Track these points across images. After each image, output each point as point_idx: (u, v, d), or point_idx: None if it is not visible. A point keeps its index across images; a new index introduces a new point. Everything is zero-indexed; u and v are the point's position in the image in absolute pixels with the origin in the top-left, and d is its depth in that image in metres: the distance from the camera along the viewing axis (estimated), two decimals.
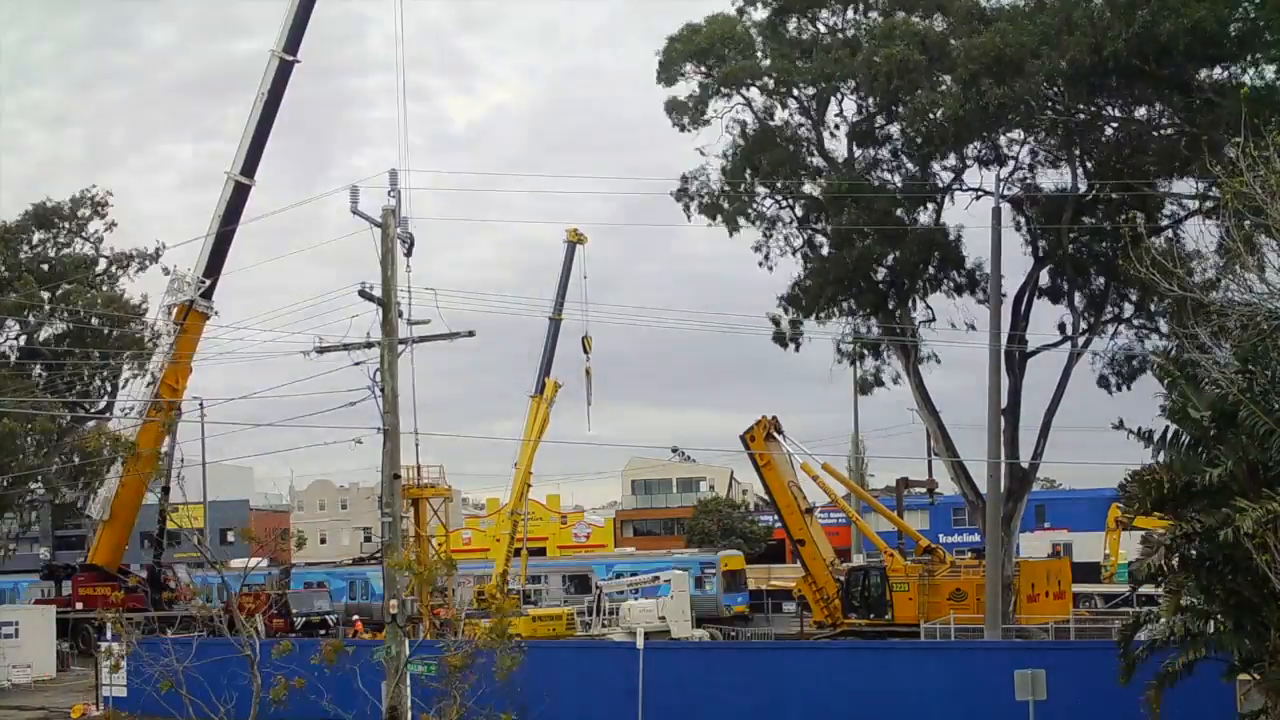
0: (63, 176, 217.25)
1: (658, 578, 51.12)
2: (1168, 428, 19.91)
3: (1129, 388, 40.78)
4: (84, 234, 58.60)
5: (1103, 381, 41.20)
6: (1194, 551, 18.78)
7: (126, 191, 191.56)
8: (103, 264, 58.23)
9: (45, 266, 56.45)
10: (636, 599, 50.25)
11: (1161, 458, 19.80)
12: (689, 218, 42.10)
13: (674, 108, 41.23)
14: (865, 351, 43.76)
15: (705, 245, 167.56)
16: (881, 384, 44.23)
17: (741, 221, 41.93)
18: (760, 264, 42.60)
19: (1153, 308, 39.56)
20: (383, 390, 23.35)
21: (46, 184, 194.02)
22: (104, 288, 56.53)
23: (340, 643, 21.18)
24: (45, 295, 54.77)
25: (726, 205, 41.80)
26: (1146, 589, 35.58)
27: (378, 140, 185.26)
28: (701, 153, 41.57)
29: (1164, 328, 38.19)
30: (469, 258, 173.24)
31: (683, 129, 41.12)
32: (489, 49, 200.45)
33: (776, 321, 42.42)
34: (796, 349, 42.60)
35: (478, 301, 44.68)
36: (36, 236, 57.68)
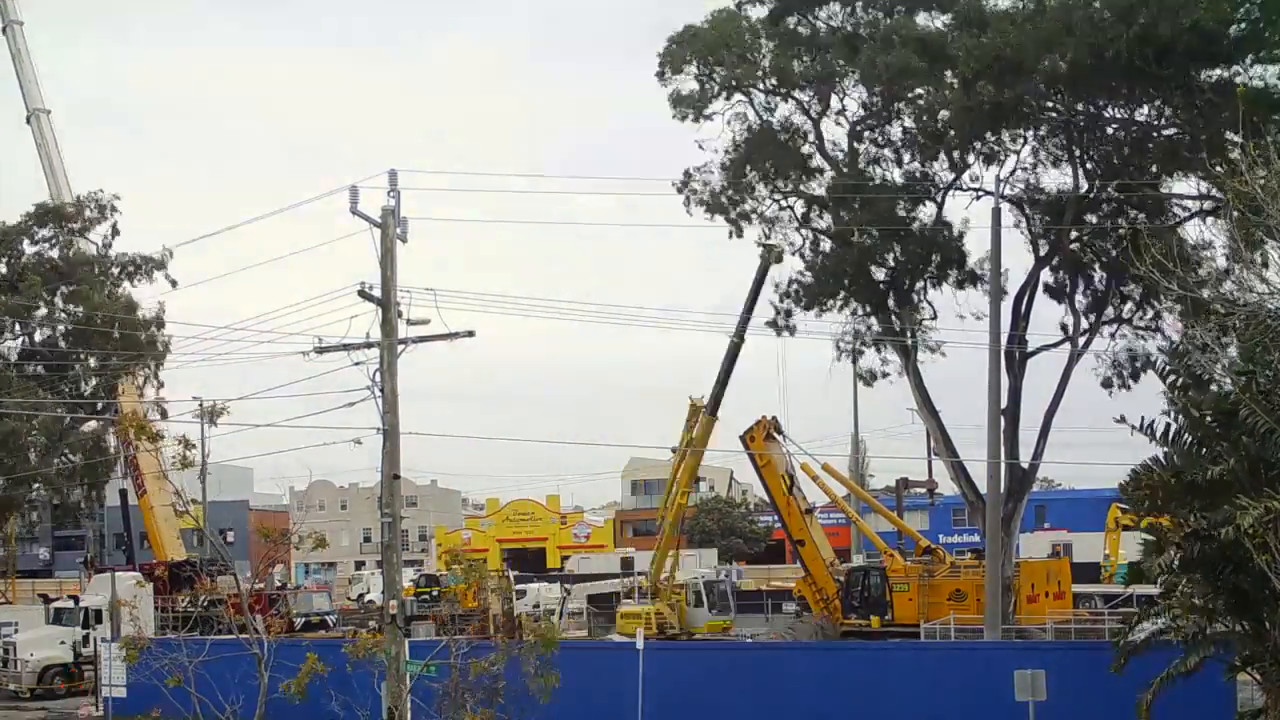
0: None
1: None
2: (1169, 424, 19.93)
3: (1129, 388, 40.78)
4: (87, 235, 58.22)
5: (1105, 382, 41.19)
6: (1197, 550, 18.78)
7: None
8: (105, 267, 57.76)
9: (49, 265, 56.08)
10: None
11: (1163, 454, 19.82)
12: (689, 211, 42.21)
13: (678, 100, 41.26)
14: (865, 348, 43.74)
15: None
16: (885, 374, 44.24)
17: (742, 221, 41.99)
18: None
19: (1153, 307, 39.54)
20: (383, 390, 23.31)
21: None
22: (107, 293, 56.06)
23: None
24: (47, 295, 54.53)
25: (727, 204, 41.86)
26: (1146, 589, 35.82)
27: None
28: (700, 146, 41.72)
29: (1165, 327, 38.23)
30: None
31: (684, 119, 41.26)
32: None
33: (777, 311, 42.53)
34: (791, 334, 42.68)
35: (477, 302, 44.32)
36: (40, 234, 57.24)
